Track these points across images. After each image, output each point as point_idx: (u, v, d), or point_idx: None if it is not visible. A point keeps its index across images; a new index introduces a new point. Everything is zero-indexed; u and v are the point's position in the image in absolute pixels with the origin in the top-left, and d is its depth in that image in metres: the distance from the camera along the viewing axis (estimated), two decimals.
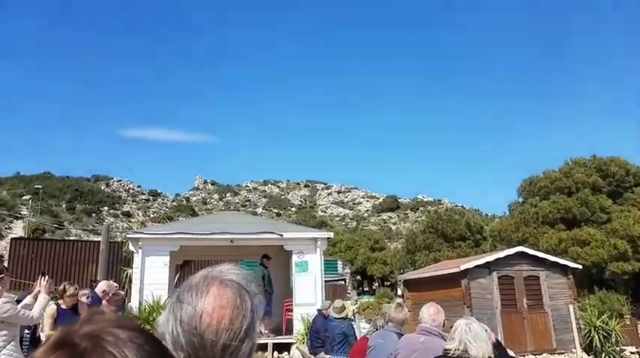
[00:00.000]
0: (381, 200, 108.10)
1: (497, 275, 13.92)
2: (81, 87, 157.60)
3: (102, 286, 7.48)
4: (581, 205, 27.10)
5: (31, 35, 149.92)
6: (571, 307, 14.03)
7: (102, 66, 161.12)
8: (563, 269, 14.77)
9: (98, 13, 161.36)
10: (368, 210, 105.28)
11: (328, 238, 13.61)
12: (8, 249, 27.01)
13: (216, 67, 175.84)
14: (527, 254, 14.63)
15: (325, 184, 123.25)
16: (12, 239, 28.58)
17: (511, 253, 14.44)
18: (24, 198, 59.36)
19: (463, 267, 13.65)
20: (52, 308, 5.94)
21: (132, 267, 13.11)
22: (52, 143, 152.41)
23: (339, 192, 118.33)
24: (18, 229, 47.26)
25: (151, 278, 11.65)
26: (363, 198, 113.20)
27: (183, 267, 18.62)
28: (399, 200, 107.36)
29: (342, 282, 32.97)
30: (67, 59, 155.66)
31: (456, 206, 72.91)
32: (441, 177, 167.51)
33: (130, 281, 13.23)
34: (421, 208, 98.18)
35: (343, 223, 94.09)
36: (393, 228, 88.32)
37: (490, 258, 14.33)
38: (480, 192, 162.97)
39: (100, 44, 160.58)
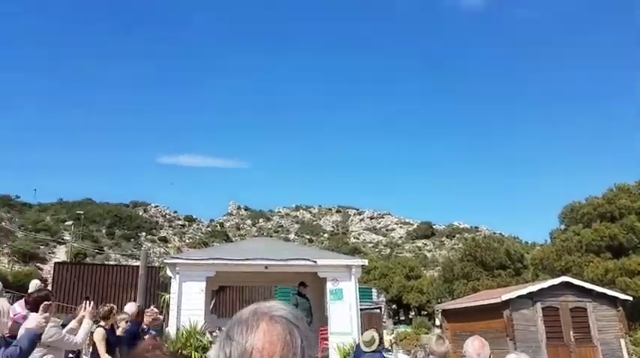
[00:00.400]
0: (415, 226, 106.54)
1: (542, 306, 13.36)
2: (121, 112, 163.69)
3: (131, 308, 7.66)
4: (628, 232, 25.95)
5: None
6: (622, 341, 13.29)
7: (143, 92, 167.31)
8: (612, 301, 14.06)
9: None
10: (402, 237, 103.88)
11: (363, 265, 13.41)
12: (52, 272, 27.86)
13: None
14: (573, 284, 14.03)
15: (357, 210, 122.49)
16: (55, 263, 29.46)
17: (556, 283, 13.88)
18: (66, 223, 61.41)
19: (505, 298, 13.18)
20: (101, 332, 6.04)
21: (169, 292, 13.26)
22: (91, 169, 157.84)
23: (371, 218, 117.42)
24: (61, 254, 48.79)
25: (188, 303, 11.73)
26: (397, 224, 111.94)
27: (219, 292, 18.75)
28: (434, 226, 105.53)
29: (378, 311, 32.53)
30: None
31: (494, 233, 71.00)
32: (478, 202, 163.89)
33: (168, 306, 13.36)
34: (457, 235, 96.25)
35: (376, 250, 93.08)
36: (429, 255, 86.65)
37: (533, 288, 13.81)
38: (518, 219, 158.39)
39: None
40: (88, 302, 4.93)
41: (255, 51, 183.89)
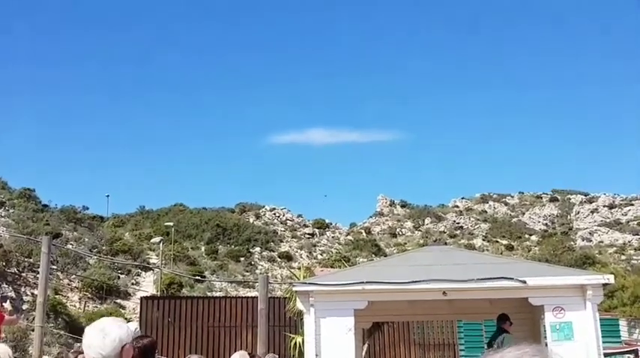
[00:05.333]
0: None
1: None
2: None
3: None
4: None
5: None
6: None
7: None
8: None
9: None
10: None
11: (604, 284, 12.80)
12: (139, 311, 30.64)
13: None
14: None
15: (586, 195, 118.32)
16: (142, 298, 32.16)
17: None
18: (152, 240, 66.80)
19: None
20: None
21: (301, 334, 13.86)
22: (179, 165, 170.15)
23: (610, 207, 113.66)
24: (147, 284, 53.34)
25: (330, 349, 12.09)
26: None
27: (373, 332, 19.17)
28: None
29: (631, 356, 31.98)
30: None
31: None
32: None
33: (301, 354, 13.99)
34: None
35: (622, 258, 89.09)
36: None
37: None
38: None
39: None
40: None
41: None
